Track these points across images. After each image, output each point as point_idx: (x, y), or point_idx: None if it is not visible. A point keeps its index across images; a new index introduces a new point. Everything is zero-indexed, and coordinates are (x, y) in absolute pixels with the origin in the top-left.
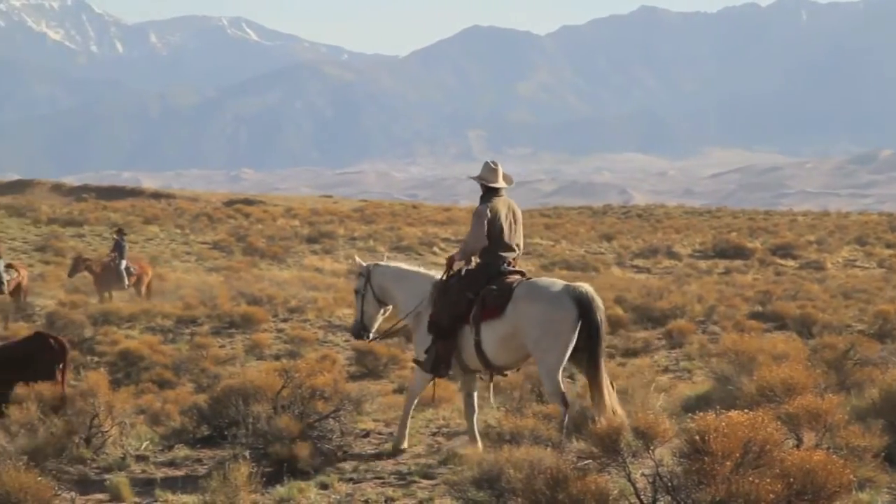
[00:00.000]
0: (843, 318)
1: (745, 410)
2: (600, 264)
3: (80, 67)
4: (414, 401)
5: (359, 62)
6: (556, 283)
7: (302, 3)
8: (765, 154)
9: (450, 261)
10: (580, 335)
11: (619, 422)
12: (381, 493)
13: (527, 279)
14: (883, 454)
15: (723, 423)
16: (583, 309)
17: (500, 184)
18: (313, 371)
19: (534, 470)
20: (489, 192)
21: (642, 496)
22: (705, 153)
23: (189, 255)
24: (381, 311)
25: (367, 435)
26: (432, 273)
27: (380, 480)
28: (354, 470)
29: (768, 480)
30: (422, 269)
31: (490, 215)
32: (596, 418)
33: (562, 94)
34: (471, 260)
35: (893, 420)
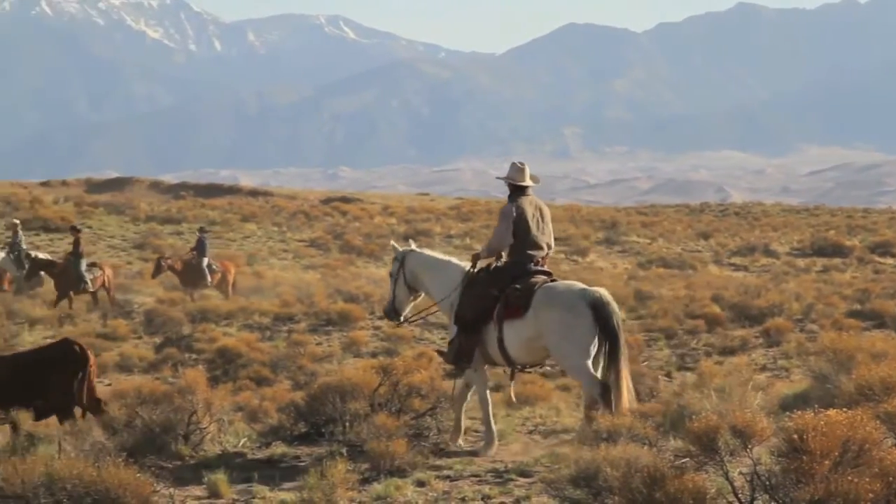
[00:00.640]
0: None
1: (844, 409)
2: (697, 262)
3: (178, 66)
4: (487, 399)
5: (455, 60)
6: (573, 288)
7: (399, 1)
8: (863, 151)
9: (475, 257)
10: (599, 338)
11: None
12: (477, 490)
13: (550, 281)
14: None
15: (821, 422)
16: (598, 313)
17: (527, 183)
18: (410, 368)
19: (631, 468)
20: (516, 192)
21: (740, 495)
22: (803, 150)
23: (286, 252)
24: (412, 297)
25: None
26: (464, 264)
27: (476, 478)
28: (451, 468)
29: (867, 480)
30: (454, 259)
31: (516, 214)
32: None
33: (658, 92)
34: (500, 256)
35: None
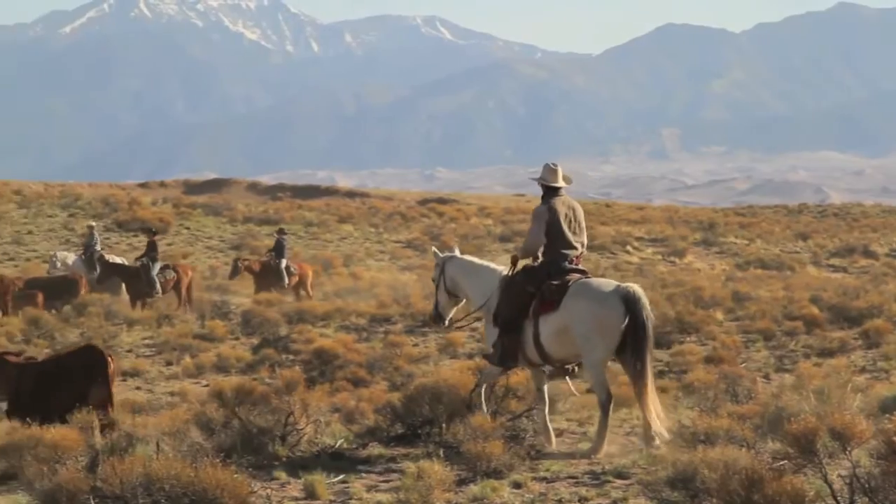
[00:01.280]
0: None
1: None
2: (795, 263)
3: (275, 67)
4: (482, 387)
5: (552, 60)
6: (608, 282)
7: (496, 2)
8: None
9: (514, 258)
10: (625, 333)
11: (659, 423)
12: (574, 492)
13: (585, 277)
14: None
15: None
16: (630, 308)
17: (560, 184)
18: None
19: (729, 470)
20: (549, 193)
21: (839, 497)
22: None
23: (383, 253)
24: (453, 303)
25: (561, 434)
26: (501, 268)
27: (573, 480)
28: (548, 469)
29: None
30: (491, 264)
31: (549, 215)
32: (641, 417)
33: (757, 92)
34: (537, 257)
35: None
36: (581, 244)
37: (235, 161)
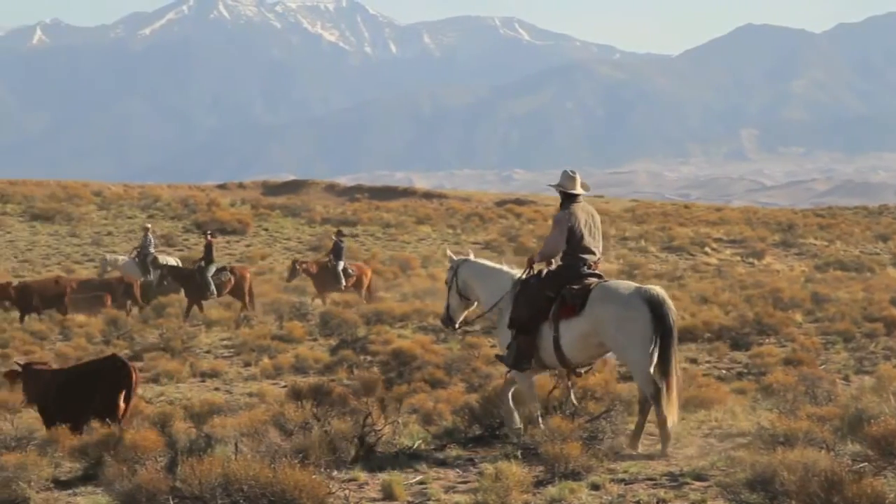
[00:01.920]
0: None
1: None
2: (876, 265)
3: (353, 68)
4: (534, 395)
5: (630, 61)
6: (629, 285)
7: (574, 2)
8: None
9: (530, 261)
10: (654, 332)
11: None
12: (652, 494)
13: (604, 282)
14: None
15: None
16: (654, 309)
17: (578, 191)
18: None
19: (808, 472)
20: (568, 199)
21: None
22: None
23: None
24: (464, 305)
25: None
26: (514, 271)
27: (651, 482)
28: (626, 471)
29: None
30: (504, 267)
31: (571, 221)
32: (663, 417)
33: (837, 93)
34: (552, 262)
35: None
36: (598, 249)
37: (313, 162)
